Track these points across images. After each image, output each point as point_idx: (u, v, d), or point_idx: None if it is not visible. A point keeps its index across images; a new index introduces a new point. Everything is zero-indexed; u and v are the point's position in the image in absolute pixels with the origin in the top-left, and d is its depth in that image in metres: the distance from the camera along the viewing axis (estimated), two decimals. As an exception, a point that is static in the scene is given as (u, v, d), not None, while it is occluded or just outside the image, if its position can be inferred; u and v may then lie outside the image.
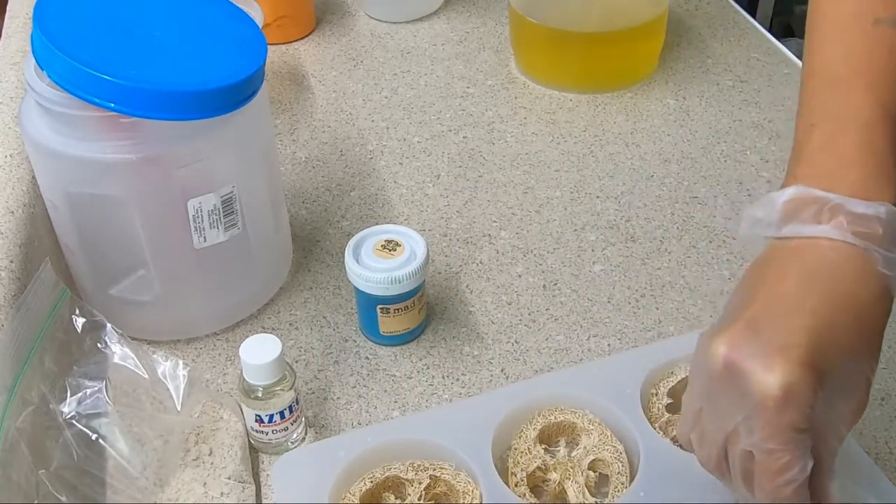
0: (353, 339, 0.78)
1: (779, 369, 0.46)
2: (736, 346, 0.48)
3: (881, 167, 0.50)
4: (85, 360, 0.65)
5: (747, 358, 0.47)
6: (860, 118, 0.52)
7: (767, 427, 0.47)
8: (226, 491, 0.64)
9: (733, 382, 0.48)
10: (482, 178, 0.94)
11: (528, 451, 0.64)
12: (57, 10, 0.65)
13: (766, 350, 0.47)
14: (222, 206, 0.71)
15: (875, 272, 0.49)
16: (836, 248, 0.49)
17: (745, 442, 0.49)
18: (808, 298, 0.48)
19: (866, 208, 0.49)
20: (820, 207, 0.50)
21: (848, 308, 0.48)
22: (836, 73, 0.54)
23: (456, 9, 1.22)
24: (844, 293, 0.49)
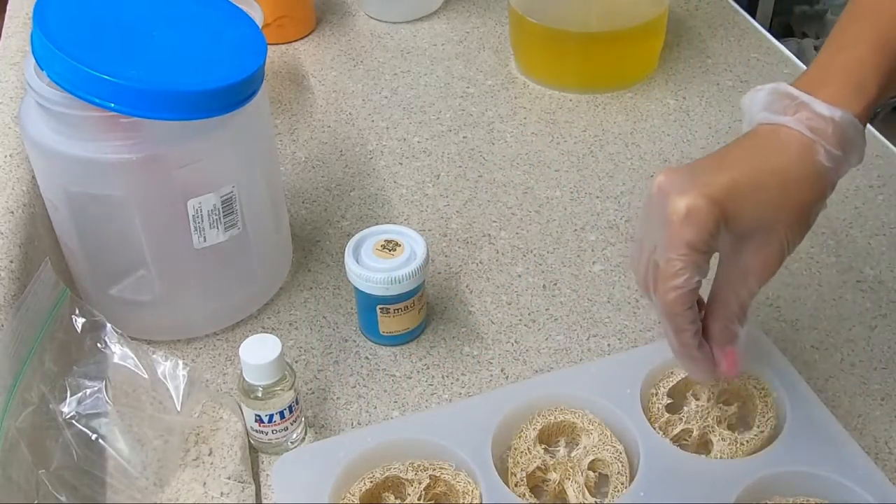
0: (353, 339, 0.78)
1: (690, 195, 0.56)
2: (670, 177, 0.58)
3: (858, 86, 0.59)
4: (85, 360, 0.65)
5: (673, 186, 0.57)
6: (859, 45, 0.59)
7: (669, 239, 0.57)
8: (226, 491, 0.63)
9: (659, 204, 0.57)
10: (482, 178, 0.94)
11: (528, 451, 0.64)
12: (57, 10, 0.65)
13: (689, 183, 0.57)
14: (222, 206, 0.71)
15: (814, 160, 0.58)
16: (791, 134, 0.58)
17: (657, 254, 0.58)
18: (746, 160, 0.58)
19: (825, 110, 0.57)
20: (790, 102, 0.59)
21: (776, 176, 0.58)
22: (860, 6, 0.62)
23: (456, 9, 1.22)
24: (779, 164, 0.58)
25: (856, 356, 0.74)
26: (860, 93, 0.59)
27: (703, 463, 0.64)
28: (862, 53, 0.59)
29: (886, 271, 0.82)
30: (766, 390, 0.68)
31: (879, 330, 0.76)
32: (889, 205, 0.89)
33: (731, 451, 0.64)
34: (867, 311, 0.78)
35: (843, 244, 0.85)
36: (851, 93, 0.58)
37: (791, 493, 0.62)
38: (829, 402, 0.70)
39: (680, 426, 0.66)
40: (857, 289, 0.80)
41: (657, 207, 0.58)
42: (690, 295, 0.58)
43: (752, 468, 0.62)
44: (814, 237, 0.85)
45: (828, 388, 0.72)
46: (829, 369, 0.73)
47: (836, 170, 0.59)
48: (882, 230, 0.86)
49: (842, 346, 0.75)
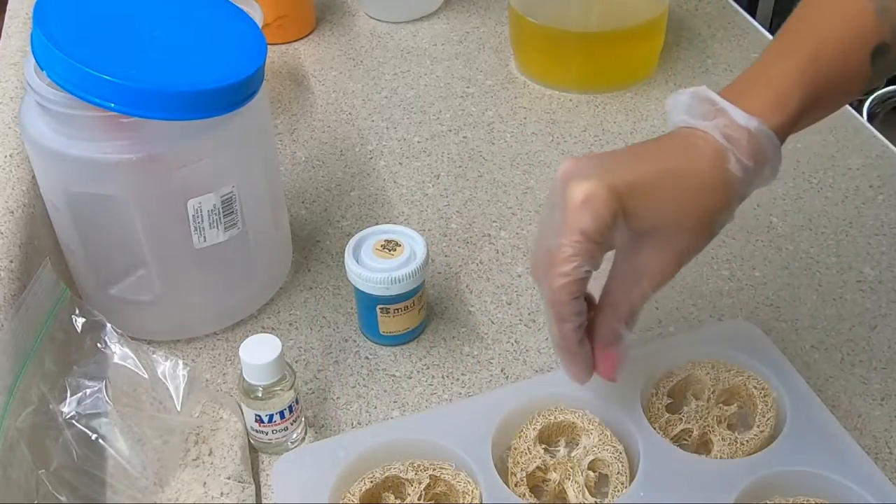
0: (353, 339, 0.78)
1: (590, 183, 0.54)
2: (576, 164, 0.57)
3: (779, 100, 0.58)
4: (85, 360, 0.65)
5: (576, 172, 0.56)
6: (789, 60, 0.59)
7: (564, 224, 0.55)
8: (226, 491, 0.63)
9: (560, 189, 0.56)
10: (482, 178, 0.94)
11: (528, 451, 0.64)
12: (57, 10, 0.65)
13: (593, 171, 0.55)
14: (222, 206, 0.71)
15: (724, 168, 0.57)
16: (706, 139, 0.57)
17: (550, 240, 0.56)
18: (655, 157, 0.58)
19: (742, 119, 0.57)
20: (710, 107, 0.58)
21: (683, 178, 0.56)
22: (797, 23, 0.62)
23: (456, 9, 1.22)
24: (687, 167, 0.57)
25: (856, 356, 0.74)
26: (781, 107, 0.58)
27: (703, 463, 0.64)
28: (789, 68, 0.58)
29: (886, 271, 0.82)
30: (766, 390, 0.68)
31: (879, 330, 0.76)
32: (889, 205, 0.89)
33: (731, 451, 0.64)
34: (867, 311, 0.78)
35: (843, 244, 0.85)
36: (772, 105, 0.58)
37: (791, 493, 0.62)
38: (829, 402, 0.70)
39: (680, 426, 0.66)
40: (857, 289, 0.80)
41: (558, 193, 0.56)
42: (578, 284, 0.56)
43: (752, 468, 0.62)
44: (814, 237, 0.85)
45: (828, 388, 0.72)
46: (829, 369, 0.73)
47: (746, 181, 0.57)
48: (882, 230, 0.86)
49: (842, 346, 0.75)
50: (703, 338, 0.72)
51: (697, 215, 0.57)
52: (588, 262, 0.55)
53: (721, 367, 0.69)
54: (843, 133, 0.98)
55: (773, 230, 0.86)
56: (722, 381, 0.68)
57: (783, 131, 0.58)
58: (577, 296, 0.57)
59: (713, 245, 0.84)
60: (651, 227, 0.57)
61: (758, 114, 0.57)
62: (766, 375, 0.68)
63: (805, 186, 0.91)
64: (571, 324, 0.58)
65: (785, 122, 0.58)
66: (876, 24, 0.59)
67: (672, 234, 0.57)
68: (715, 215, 0.58)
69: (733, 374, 0.69)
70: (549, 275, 0.56)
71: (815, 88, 0.58)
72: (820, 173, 0.93)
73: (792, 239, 0.85)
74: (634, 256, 0.58)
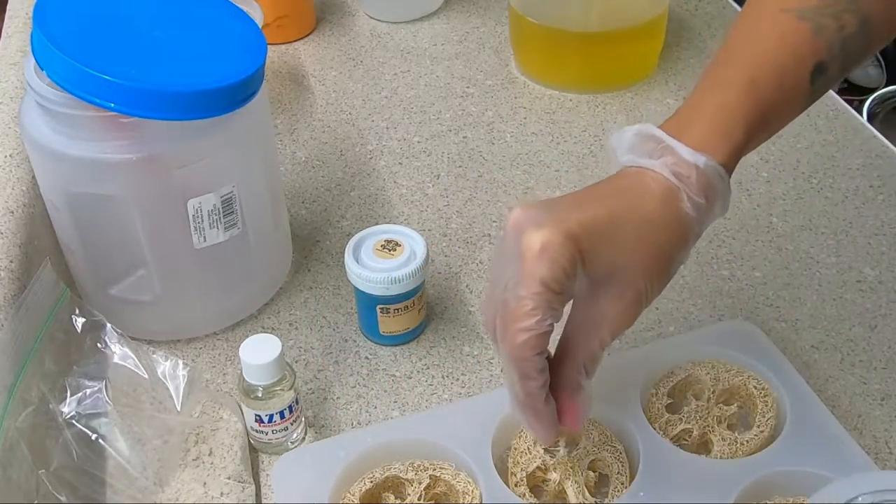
0: (353, 339, 0.78)
1: (545, 231, 0.52)
2: (526, 212, 0.54)
3: (724, 130, 0.56)
4: (85, 360, 0.65)
5: (528, 221, 0.54)
6: (729, 88, 0.57)
7: (522, 276, 0.53)
8: (226, 491, 0.63)
9: (513, 239, 0.54)
10: (482, 178, 0.94)
11: (527, 451, 0.64)
12: (57, 10, 0.65)
13: (546, 219, 0.53)
14: (222, 206, 0.71)
15: (677, 207, 0.55)
16: (655, 178, 0.56)
17: (507, 292, 0.54)
18: (606, 199, 0.56)
19: (689, 155, 0.55)
20: (656, 145, 0.56)
21: (637, 220, 0.55)
22: (734, 47, 0.60)
23: (456, 9, 1.22)
24: (640, 209, 0.55)
25: (856, 356, 0.74)
26: (727, 138, 0.56)
27: (703, 463, 0.64)
28: (730, 97, 0.57)
29: (886, 271, 0.82)
30: (766, 390, 0.68)
31: (879, 330, 0.76)
32: (889, 205, 0.89)
33: (731, 451, 0.64)
34: (867, 311, 0.78)
35: (843, 244, 0.85)
36: (718, 137, 0.56)
37: (791, 493, 0.62)
38: (829, 402, 0.70)
39: (680, 426, 0.66)
40: (857, 289, 0.80)
41: (511, 243, 0.54)
42: (541, 339, 0.53)
43: (752, 468, 0.62)
44: (814, 237, 0.85)
45: (828, 388, 0.72)
46: (829, 369, 0.73)
47: (699, 220, 0.56)
48: (882, 230, 0.86)
49: (842, 346, 0.75)
50: (703, 338, 0.72)
51: (654, 256, 0.56)
52: (549, 313, 0.53)
53: (721, 367, 0.69)
54: (843, 133, 0.98)
55: (773, 230, 0.86)
56: (722, 381, 0.68)
57: (730, 163, 0.57)
58: (541, 351, 0.54)
59: (713, 245, 0.85)
60: (608, 271, 0.55)
61: (703, 148, 0.55)
62: (766, 375, 0.68)
63: (805, 186, 0.91)
64: (536, 381, 0.55)
65: (731, 153, 0.56)
66: (812, 43, 0.58)
67: (629, 279, 0.55)
68: (671, 255, 0.56)
69: (733, 374, 0.69)
70: (509, 330, 0.53)
71: (757, 115, 0.57)
72: (820, 173, 0.93)
73: (792, 239, 0.85)
74: (593, 304, 0.56)
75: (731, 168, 0.57)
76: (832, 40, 0.58)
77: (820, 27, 0.58)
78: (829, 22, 0.58)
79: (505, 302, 0.54)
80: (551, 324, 0.54)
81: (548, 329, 0.53)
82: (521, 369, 0.54)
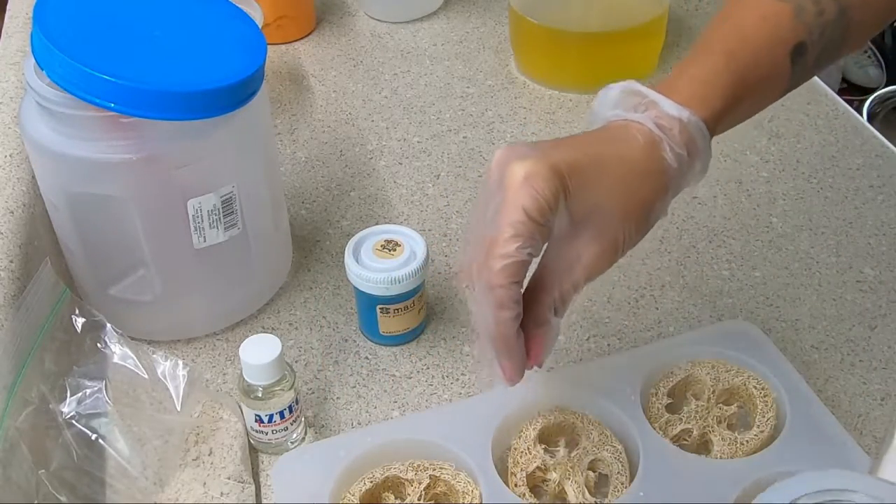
0: (353, 339, 0.78)
1: (529, 162, 0.53)
2: (512, 149, 0.55)
3: (704, 96, 0.59)
4: (85, 360, 0.65)
5: (513, 156, 0.54)
6: (711, 57, 0.60)
7: (505, 205, 0.53)
8: (226, 491, 0.64)
9: (497, 174, 0.55)
10: (482, 178, 0.94)
11: (528, 451, 0.64)
12: (57, 10, 0.65)
13: (530, 154, 0.54)
14: (222, 206, 0.71)
15: (658, 156, 0.57)
16: (640, 128, 0.57)
17: (488, 226, 0.54)
18: (592, 143, 0.57)
19: (674, 109, 0.57)
20: (641, 100, 0.58)
21: (621, 163, 0.56)
22: (720, 25, 0.62)
23: (456, 9, 1.22)
24: (625, 153, 0.57)
25: (856, 356, 0.74)
26: (705, 102, 0.58)
27: (703, 463, 0.64)
28: (709, 65, 0.59)
29: (886, 271, 0.82)
30: (766, 390, 0.68)
31: (879, 330, 0.76)
32: (889, 205, 0.89)
33: (731, 451, 0.64)
34: (867, 311, 0.78)
35: (843, 244, 0.85)
36: (697, 100, 0.58)
37: (791, 493, 0.62)
38: (829, 402, 0.70)
39: (680, 426, 0.66)
40: (857, 289, 0.80)
41: (494, 179, 0.55)
42: (520, 267, 0.54)
43: (752, 468, 0.62)
44: (814, 237, 0.85)
45: (828, 388, 0.72)
46: (829, 369, 0.73)
47: (680, 172, 0.58)
48: (882, 230, 0.86)
49: (842, 346, 0.75)
50: (703, 338, 0.72)
51: (635, 201, 0.57)
52: (529, 242, 0.53)
53: (721, 367, 0.69)
54: (843, 133, 0.98)
55: (773, 230, 0.86)
56: (722, 381, 0.68)
57: (710, 125, 0.58)
58: (518, 280, 0.54)
59: (713, 245, 0.85)
60: (589, 212, 0.55)
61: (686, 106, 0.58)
62: (766, 375, 0.68)
63: (805, 186, 0.91)
64: (511, 311, 0.55)
65: (709, 116, 0.58)
66: (793, 24, 0.60)
67: (609, 222, 0.56)
68: (651, 203, 0.58)
69: (733, 374, 0.69)
70: (488, 259, 0.54)
71: (736, 86, 0.59)
72: (820, 173, 0.93)
73: (792, 239, 0.85)
74: (569, 245, 0.57)
75: (711, 131, 0.59)
76: (812, 24, 0.60)
77: (800, 9, 0.60)
78: (809, 5, 0.60)
79: (484, 236, 0.54)
80: (530, 254, 0.54)
81: (527, 258, 0.54)
82: (497, 298, 0.54)
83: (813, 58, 0.62)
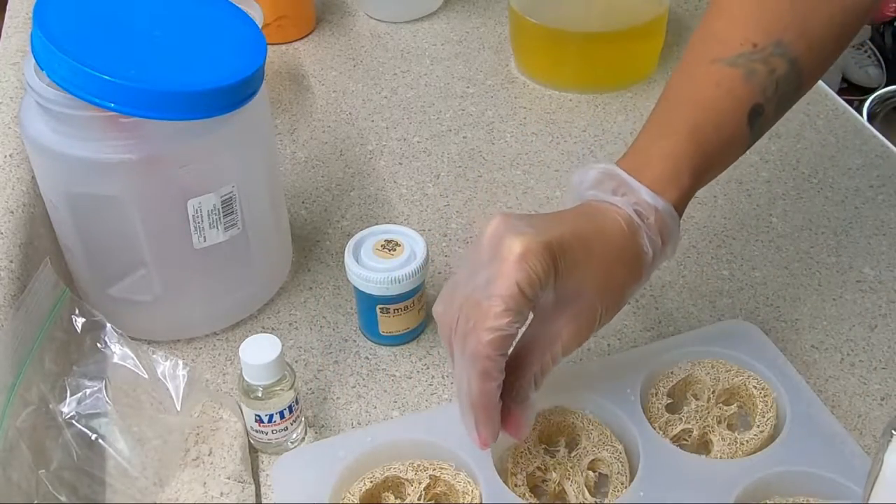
0: (352, 339, 0.78)
1: (525, 239, 0.55)
2: (505, 221, 0.57)
3: (673, 176, 0.61)
4: (85, 360, 0.65)
5: (508, 230, 0.56)
6: (674, 134, 0.62)
7: (500, 278, 0.54)
8: (225, 491, 0.63)
9: (491, 246, 0.56)
10: (482, 178, 0.94)
11: (528, 451, 0.64)
12: (57, 10, 0.65)
13: (525, 229, 0.56)
14: (222, 206, 0.71)
15: (636, 242, 0.59)
16: (620, 213, 0.59)
17: (480, 293, 0.55)
18: (579, 221, 0.59)
19: (650, 198, 0.60)
20: (619, 184, 0.60)
21: (604, 247, 0.58)
22: (674, 96, 0.65)
23: (456, 9, 1.22)
24: (607, 237, 0.59)
25: (856, 356, 0.74)
26: (675, 183, 0.60)
27: (703, 463, 0.64)
28: (675, 144, 0.61)
29: (886, 271, 0.82)
30: (766, 390, 0.68)
31: (879, 330, 0.76)
32: (889, 205, 0.89)
33: (731, 451, 0.64)
34: (867, 311, 0.78)
35: (843, 244, 0.85)
36: (669, 182, 0.60)
37: (791, 493, 0.62)
38: (829, 402, 0.70)
39: (680, 426, 0.66)
40: (857, 289, 0.80)
41: (488, 248, 0.56)
42: (507, 340, 0.55)
43: (752, 468, 0.62)
44: (814, 237, 0.85)
45: (828, 388, 0.72)
46: (829, 369, 0.73)
47: (654, 258, 0.60)
48: (882, 230, 0.86)
49: (842, 346, 0.75)
50: (703, 338, 0.72)
51: (613, 285, 0.59)
52: (519, 318, 0.55)
53: (721, 367, 0.69)
54: (843, 133, 0.98)
55: (773, 230, 0.86)
56: (722, 381, 0.68)
57: (679, 207, 0.61)
58: (505, 352, 0.56)
59: (713, 245, 0.85)
60: (573, 290, 0.58)
61: (660, 191, 0.60)
62: (766, 375, 0.68)
63: (805, 186, 0.91)
64: (495, 381, 0.56)
65: (679, 197, 0.61)
66: (746, 87, 0.61)
67: (589, 301, 0.59)
68: (627, 286, 0.60)
69: (733, 374, 0.69)
70: (477, 329, 0.55)
71: (700, 160, 0.61)
72: (820, 173, 0.93)
73: (792, 239, 0.85)
74: (550, 320, 0.59)
75: (680, 211, 0.61)
76: (765, 83, 0.62)
77: (751, 72, 0.62)
78: (759, 67, 0.62)
79: (475, 302, 0.55)
80: (518, 328, 0.55)
81: (515, 332, 0.55)
82: (482, 367, 0.56)
83: (770, 114, 0.63)
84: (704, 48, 0.64)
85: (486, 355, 0.55)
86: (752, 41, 0.62)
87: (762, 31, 0.62)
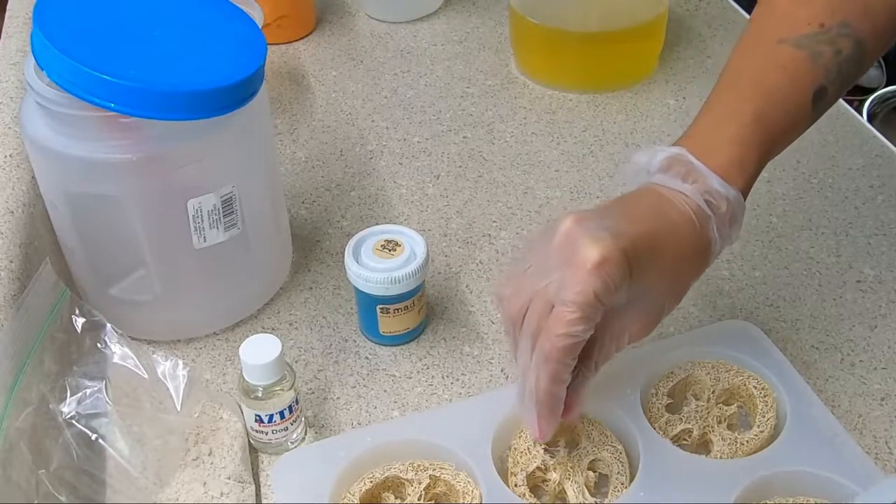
0: (353, 339, 0.77)
1: (604, 244, 0.54)
2: (581, 221, 0.56)
3: (741, 163, 0.60)
4: (85, 360, 0.65)
5: (584, 231, 0.55)
6: (740, 118, 0.60)
7: (577, 284, 0.54)
8: (226, 491, 0.63)
9: (566, 246, 0.56)
10: (482, 178, 0.94)
11: (528, 451, 0.64)
12: (57, 10, 0.65)
13: (601, 231, 0.55)
14: (222, 206, 0.71)
15: (706, 234, 0.59)
16: (690, 202, 0.58)
17: (553, 296, 0.55)
18: (651, 218, 0.58)
19: (721, 187, 0.58)
20: (689, 170, 0.59)
21: (674, 244, 0.58)
22: (738, 78, 0.63)
23: (456, 9, 1.22)
24: (677, 233, 0.58)
25: (856, 356, 0.74)
26: (742, 169, 0.60)
27: (703, 463, 0.64)
28: (743, 130, 0.60)
29: (886, 271, 0.82)
30: (766, 390, 0.68)
31: (879, 330, 0.76)
32: (889, 205, 0.89)
33: (731, 451, 0.64)
34: (867, 311, 0.78)
35: (843, 244, 0.85)
36: (736, 169, 0.59)
37: (791, 493, 0.62)
38: (829, 402, 0.70)
39: (680, 426, 0.66)
40: (857, 289, 0.80)
41: (560, 250, 0.56)
42: (580, 345, 0.56)
43: (752, 468, 0.62)
44: (814, 237, 0.85)
45: (828, 388, 0.72)
46: (829, 369, 0.73)
47: (720, 246, 0.60)
48: (882, 230, 0.86)
49: (842, 346, 0.75)
50: (703, 338, 0.72)
51: (680, 279, 0.60)
52: (592, 325, 0.56)
53: (721, 367, 0.69)
54: (843, 133, 0.98)
55: (773, 230, 0.86)
56: (722, 381, 0.68)
57: (745, 195, 0.60)
58: (575, 356, 0.57)
59: (713, 245, 0.85)
60: (645, 289, 0.57)
61: (728, 178, 0.59)
62: (766, 375, 0.68)
63: (805, 186, 0.91)
64: (565, 384, 0.58)
65: (745, 185, 0.60)
66: (811, 70, 0.60)
67: (657, 297, 0.59)
68: (692, 278, 0.60)
69: (733, 374, 0.69)
70: (551, 333, 0.55)
71: (767, 146, 0.61)
72: (820, 173, 0.93)
73: (792, 239, 0.85)
74: (619, 317, 0.59)
75: (746, 198, 0.60)
76: (830, 65, 0.61)
77: (817, 54, 0.60)
78: (826, 48, 0.60)
79: (548, 302, 0.56)
80: (590, 333, 0.56)
81: (587, 337, 0.56)
82: (554, 371, 0.56)
83: (832, 95, 0.62)
84: (768, 26, 0.62)
85: (558, 359, 0.56)
86: (819, 20, 0.60)
87: (829, 10, 0.60)
